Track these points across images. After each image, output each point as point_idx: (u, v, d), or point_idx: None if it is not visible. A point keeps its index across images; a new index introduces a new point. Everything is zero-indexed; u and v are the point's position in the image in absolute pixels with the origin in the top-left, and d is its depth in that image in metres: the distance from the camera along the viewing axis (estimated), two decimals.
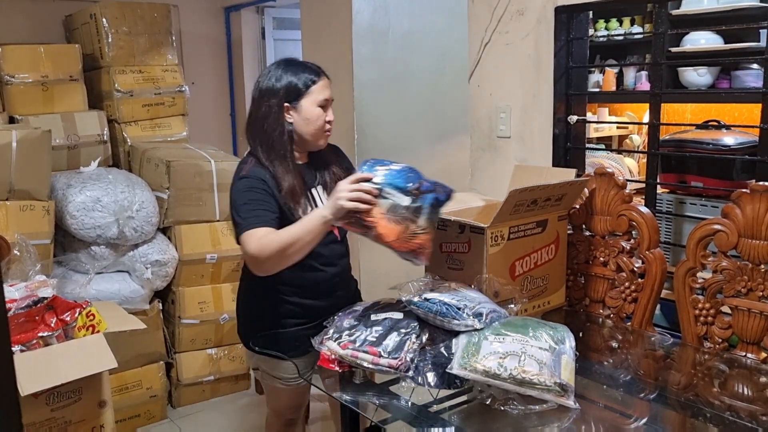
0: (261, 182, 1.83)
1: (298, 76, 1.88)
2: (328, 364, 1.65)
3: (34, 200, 2.65)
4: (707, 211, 2.62)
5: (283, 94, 1.87)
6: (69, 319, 2.13)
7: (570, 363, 1.51)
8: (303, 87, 1.87)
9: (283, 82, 1.88)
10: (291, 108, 1.88)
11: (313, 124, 1.89)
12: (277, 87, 1.88)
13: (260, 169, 1.86)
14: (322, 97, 1.89)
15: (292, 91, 1.87)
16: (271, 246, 1.71)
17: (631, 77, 3.40)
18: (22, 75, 3.11)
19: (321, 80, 1.90)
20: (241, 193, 1.83)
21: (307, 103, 1.88)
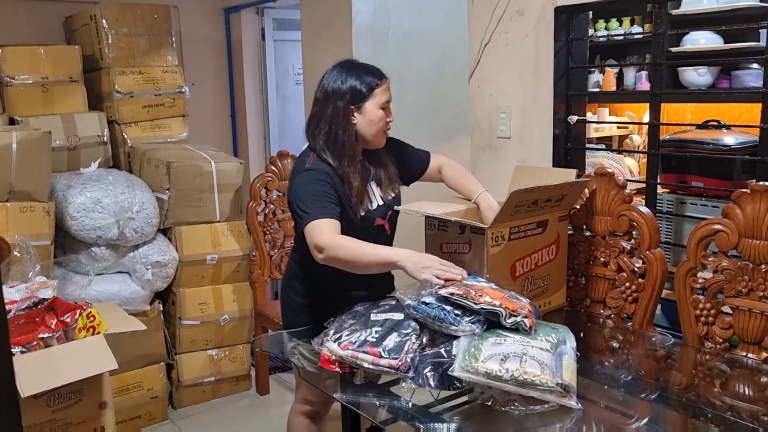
0: (326, 175, 1.91)
1: (362, 79, 1.96)
2: (329, 365, 1.65)
3: (34, 201, 2.65)
4: (708, 211, 2.62)
5: (349, 97, 1.95)
6: (69, 320, 2.13)
7: (571, 363, 1.51)
8: (367, 90, 1.95)
9: (348, 84, 1.95)
10: (356, 110, 1.96)
11: (375, 125, 1.97)
12: (343, 89, 1.95)
13: (323, 164, 1.93)
14: (384, 99, 1.97)
15: (357, 93, 1.95)
16: (344, 249, 1.80)
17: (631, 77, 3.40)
18: (23, 76, 3.11)
19: (383, 83, 1.98)
20: (307, 185, 1.90)
21: (371, 105, 1.95)
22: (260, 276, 3.31)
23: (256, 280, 3.31)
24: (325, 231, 1.80)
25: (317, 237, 1.80)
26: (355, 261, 1.79)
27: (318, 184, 1.89)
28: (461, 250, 1.95)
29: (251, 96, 4.28)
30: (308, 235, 1.83)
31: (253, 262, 3.30)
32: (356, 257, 1.79)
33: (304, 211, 1.86)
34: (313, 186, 1.88)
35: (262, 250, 3.31)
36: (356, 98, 1.94)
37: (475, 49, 2.83)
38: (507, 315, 1.56)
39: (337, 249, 1.79)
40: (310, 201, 1.86)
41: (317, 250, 1.82)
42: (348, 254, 1.79)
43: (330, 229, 1.81)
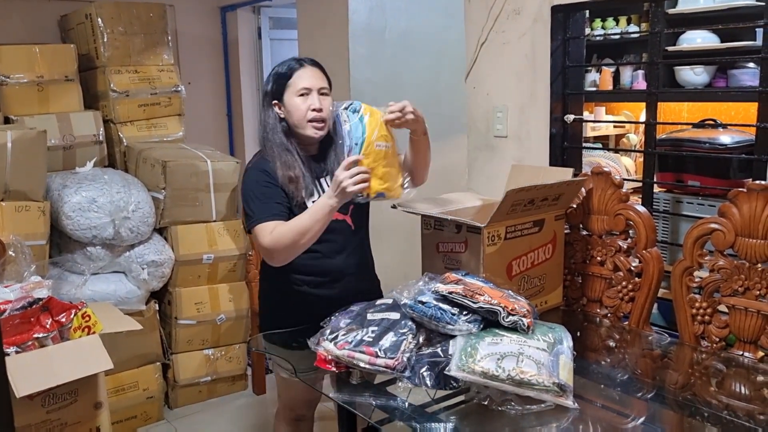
0: (265, 174, 1.91)
1: (279, 71, 1.97)
2: (325, 365, 1.64)
3: (29, 201, 2.64)
4: (704, 210, 2.62)
5: (271, 93, 1.97)
6: (64, 320, 2.12)
7: (568, 363, 1.51)
8: (284, 81, 1.95)
9: (270, 81, 1.98)
10: (279, 104, 1.96)
11: (294, 114, 1.94)
12: (267, 88, 1.99)
13: (263, 161, 1.94)
14: (300, 86, 1.93)
15: (276, 88, 1.96)
16: (284, 238, 1.80)
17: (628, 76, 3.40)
18: (18, 75, 3.10)
19: (300, 70, 1.95)
20: (249, 185, 1.92)
21: (288, 96, 1.94)
22: (256, 275, 3.30)
23: (252, 279, 3.30)
24: (265, 234, 1.82)
25: (261, 242, 1.83)
26: (298, 235, 1.79)
27: (259, 186, 1.89)
28: (458, 250, 1.94)
29: (247, 95, 4.27)
30: (255, 239, 1.86)
31: (249, 261, 3.30)
32: (297, 231, 1.79)
33: (249, 213, 1.88)
34: (255, 187, 1.90)
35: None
36: (277, 92, 1.95)
37: (471, 48, 2.82)
38: (505, 314, 1.56)
39: (279, 241, 1.80)
40: (253, 203, 1.87)
41: (266, 256, 1.85)
42: (289, 237, 1.79)
43: (270, 230, 1.82)
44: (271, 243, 1.81)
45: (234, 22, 4.19)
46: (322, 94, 1.95)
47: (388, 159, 1.83)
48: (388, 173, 1.83)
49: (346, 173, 1.74)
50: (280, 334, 1.98)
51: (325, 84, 1.97)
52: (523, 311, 1.58)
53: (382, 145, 1.81)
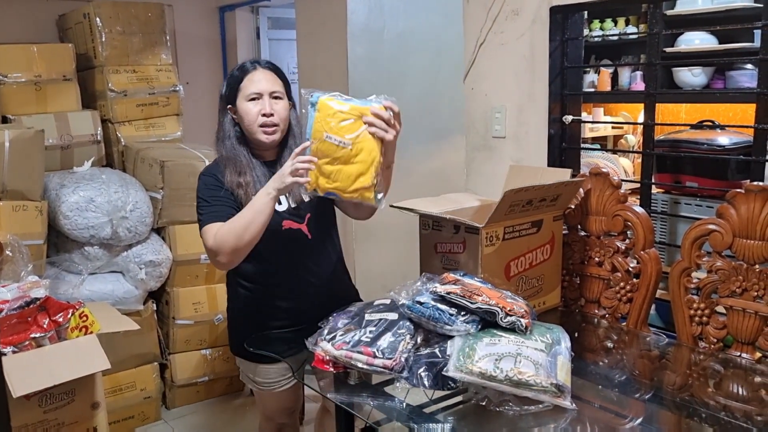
0: (214, 178, 1.87)
1: (232, 76, 1.93)
2: (323, 365, 1.64)
3: (26, 200, 2.64)
4: (702, 211, 2.62)
5: (225, 97, 1.93)
6: (62, 320, 2.12)
7: (566, 364, 1.51)
8: (236, 85, 1.90)
9: (224, 85, 1.95)
10: (233, 108, 1.92)
11: (245, 119, 1.89)
12: (222, 92, 1.95)
13: (215, 166, 1.91)
14: (249, 91, 1.88)
15: (229, 92, 1.92)
16: (227, 237, 1.74)
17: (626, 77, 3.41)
18: (15, 74, 3.09)
19: (250, 74, 1.89)
20: (200, 190, 1.88)
21: (240, 100, 1.90)
22: None
23: None
24: (210, 236, 1.77)
25: (206, 245, 1.79)
26: (241, 231, 1.72)
27: (208, 189, 1.86)
28: (456, 250, 1.94)
29: None
30: (203, 242, 1.81)
31: None
32: (238, 227, 1.72)
33: (198, 217, 1.85)
34: (204, 191, 1.86)
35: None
36: (230, 97, 1.91)
37: (470, 49, 2.83)
38: (503, 314, 1.56)
39: (222, 241, 1.74)
40: (200, 207, 1.85)
41: (212, 259, 1.80)
42: (233, 234, 1.73)
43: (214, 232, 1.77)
44: (215, 244, 1.75)
45: (232, 22, 4.19)
46: (274, 98, 1.88)
47: (346, 157, 1.68)
48: (341, 172, 1.69)
49: (288, 161, 1.69)
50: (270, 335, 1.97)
51: (278, 88, 1.89)
52: (521, 312, 1.58)
53: (336, 140, 1.67)
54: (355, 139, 1.68)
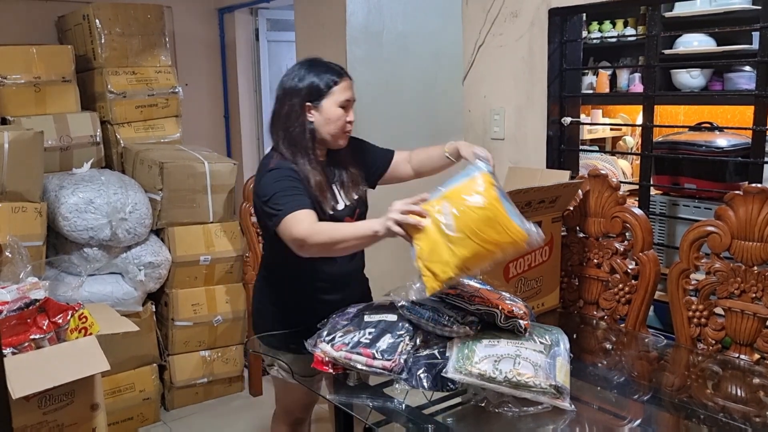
0: (292, 171, 1.87)
1: (321, 76, 1.92)
2: (322, 366, 1.64)
3: (26, 202, 2.64)
4: (700, 212, 2.62)
5: (306, 94, 1.92)
6: (61, 321, 2.12)
7: (565, 365, 1.51)
8: (325, 87, 1.91)
9: (305, 82, 1.92)
10: (312, 107, 1.92)
11: (333, 124, 1.92)
12: (300, 87, 1.92)
13: (286, 162, 1.91)
14: (343, 98, 1.92)
15: (314, 91, 1.91)
16: (322, 234, 1.72)
17: (625, 79, 3.41)
18: (15, 76, 3.09)
19: (342, 81, 1.93)
20: (273, 183, 1.85)
21: (328, 103, 1.91)
22: (253, 277, 3.30)
23: (249, 281, 3.30)
24: (302, 221, 1.74)
25: (294, 230, 1.74)
26: (336, 241, 1.70)
27: (285, 181, 1.85)
28: None
29: (245, 97, 4.27)
30: (285, 230, 1.76)
31: (246, 263, 3.29)
32: (336, 236, 1.71)
33: (275, 209, 1.80)
34: (281, 183, 1.84)
35: (255, 251, 3.30)
36: (313, 95, 1.91)
37: (469, 51, 2.83)
38: (503, 316, 1.56)
39: (317, 235, 1.72)
40: (281, 198, 1.81)
41: (297, 244, 1.75)
42: (328, 238, 1.71)
43: (306, 219, 1.75)
44: (308, 232, 1.72)
45: (231, 24, 4.19)
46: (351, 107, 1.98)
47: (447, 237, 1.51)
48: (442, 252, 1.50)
49: (400, 206, 1.58)
50: (278, 335, 1.98)
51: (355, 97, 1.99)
52: (520, 313, 1.58)
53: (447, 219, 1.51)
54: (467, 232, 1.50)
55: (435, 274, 1.50)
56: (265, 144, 4.34)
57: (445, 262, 1.49)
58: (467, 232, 1.49)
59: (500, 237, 1.49)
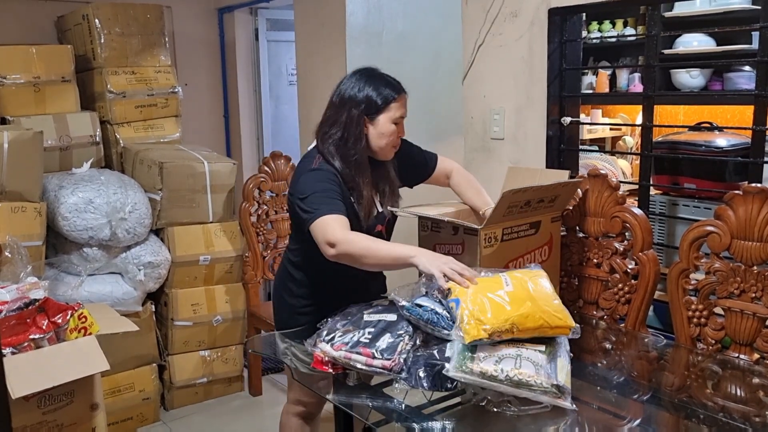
0: (333, 176, 1.91)
1: (380, 90, 1.94)
2: (322, 366, 1.64)
3: (25, 202, 2.64)
4: (700, 212, 2.62)
5: (365, 107, 1.94)
6: (61, 321, 2.12)
7: (566, 365, 1.51)
8: (382, 103, 1.94)
9: (364, 93, 1.94)
10: (369, 120, 1.94)
11: (386, 138, 1.96)
12: (359, 98, 1.94)
13: (329, 166, 1.93)
14: (399, 114, 1.96)
15: (372, 104, 1.93)
16: (356, 244, 1.76)
17: (624, 79, 3.41)
18: (14, 76, 3.09)
19: (400, 97, 1.96)
20: (314, 183, 1.88)
21: (384, 118, 1.94)
22: (253, 277, 3.30)
23: (248, 281, 3.30)
24: (336, 227, 1.77)
25: (329, 232, 1.77)
26: (368, 256, 1.75)
27: (326, 183, 1.88)
28: (454, 251, 1.95)
29: (244, 96, 4.27)
30: (318, 231, 1.80)
31: (246, 263, 3.29)
32: (369, 253, 1.75)
33: (311, 208, 1.83)
34: (321, 185, 1.87)
35: (255, 251, 3.30)
36: (371, 109, 1.93)
37: (468, 51, 2.83)
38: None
39: (350, 244, 1.75)
40: (318, 198, 1.84)
41: (329, 246, 1.77)
42: (361, 250, 1.75)
43: (341, 224, 1.78)
44: (343, 238, 1.76)
45: (231, 24, 4.19)
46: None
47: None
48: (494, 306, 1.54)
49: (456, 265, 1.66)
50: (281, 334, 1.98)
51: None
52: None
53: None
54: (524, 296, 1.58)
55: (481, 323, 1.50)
56: (265, 144, 4.34)
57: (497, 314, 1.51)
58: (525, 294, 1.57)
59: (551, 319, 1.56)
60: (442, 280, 1.63)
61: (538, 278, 1.65)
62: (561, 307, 1.60)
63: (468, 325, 1.49)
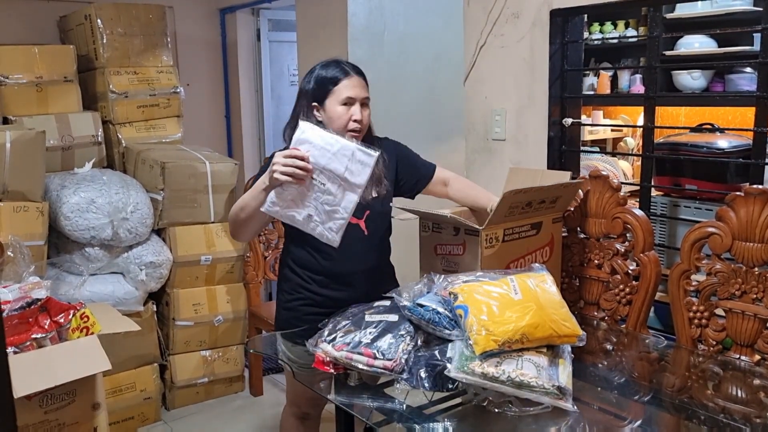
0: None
1: (325, 75, 1.95)
2: (323, 366, 1.64)
3: (27, 201, 2.64)
4: (701, 213, 2.63)
5: (312, 95, 1.95)
6: (63, 320, 2.12)
7: (567, 366, 1.51)
8: (329, 86, 1.93)
9: (312, 83, 1.96)
10: (319, 107, 1.95)
11: (335, 122, 1.93)
12: (308, 88, 1.97)
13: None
14: (345, 96, 1.93)
15: (318, 91, 1.95)
16: (232, 211, 1.90)
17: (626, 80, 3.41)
18: (17, 75, 3.10)
19: (347, 79, 1.94)
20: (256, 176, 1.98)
21: (331, 102, 1.93)
22: (254, 277, 3.31)
23: (250, 281, 3.30)
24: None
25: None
26: (239, 209, 1.85)
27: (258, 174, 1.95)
28: (456, 252, 1.95)
29: (246, 97, 4.28)
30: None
31: (247, 263, 3.30)
32: (237, 206, 1.86)
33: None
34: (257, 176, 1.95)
35: (256, 251, 3.31)
36: (318, 95, 1.94)
37: (470, 52, 2.83)
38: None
39: (231, 213, 1.89)
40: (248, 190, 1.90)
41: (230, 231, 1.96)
42: (234, 212, 1.87)
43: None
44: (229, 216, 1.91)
45: (233, 24, 4.20)
46: (363, 105, 1.96)
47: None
48: (504, 316, 1.53)
49: (281, 158, 1.69)
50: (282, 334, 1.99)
51: (366, 94, 1.98)
52: None
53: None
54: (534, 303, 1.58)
55: (492, 333, 1.49)
56: (266, 144, 4.34)
57: (507, 325, 1.51)
58: (534, 303, 1.56)
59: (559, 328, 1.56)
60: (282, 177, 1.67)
61: (545, 284, 1.65)
62: (569, 315, 1.60)
63: (478, 335, 1.49)
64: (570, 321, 1.58)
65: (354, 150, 1.70)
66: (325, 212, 1.75)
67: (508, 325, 1.49)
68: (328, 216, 1.75)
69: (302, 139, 1.72)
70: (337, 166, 1.71)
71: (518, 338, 1.49)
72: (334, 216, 1.75)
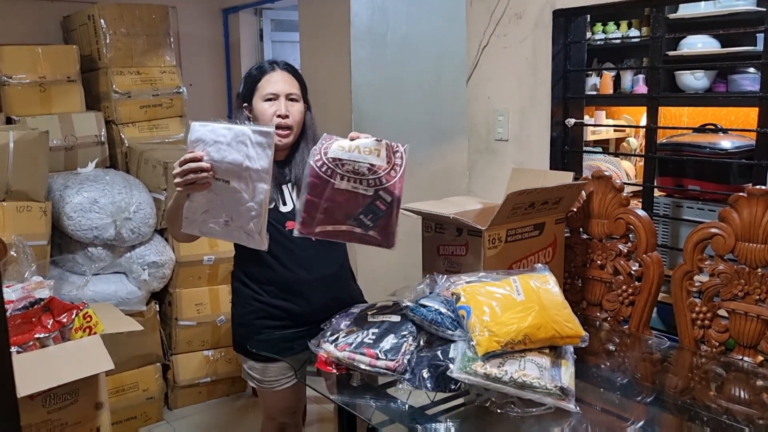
0: None
1: (250, 74, 1.94)
2: (326, 367, 1.64)
3: (31, 201, 2.65)
4: (704, 214, 2.62)
5: (242, 95, 1.95)
6: (66, 320, 2.13)
7: (570, 367, 1.51)
8: (252, 85, 1.92)
9: (241, 83, 1.96)
10: (248, 108, 1.94)
11: (260, 119, 1.89)
12: (240, 89, 1.97)
13: None
14: (267, 91, 1.89)
15: (246, 90, 1.94)
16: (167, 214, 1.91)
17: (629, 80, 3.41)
18: (20, 76, 3.10)
19: (268, 74, 1.91)
20: None
21: (256, 99, 1.92)
22: None
23: None
24: None
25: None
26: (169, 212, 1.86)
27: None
28: (458, 252, 1.95)
29: None
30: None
31: None
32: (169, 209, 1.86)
33: None
34: None
35: None
36: (246, 95, 1.93)
37: (473, 52, 2.83)
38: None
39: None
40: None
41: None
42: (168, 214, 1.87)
43: None
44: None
45: (236, 24, 4.20)
46: (290, 100, 1.90)
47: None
48: (507, 316, 1.53)
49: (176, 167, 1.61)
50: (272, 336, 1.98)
51: (294, 90, 1.91)
52: None
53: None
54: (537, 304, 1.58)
55: (494, 334, 1.49)
56: None
57: (510, 326, 1.50)
58: (537, 304, 1.56)
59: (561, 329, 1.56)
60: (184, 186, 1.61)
61: (547, 284, 1.65)
62: (571, 316, 1.60)
63: (480, 336, 1.49)
64: (572, 322, 1.58)
65: (249, 134, 1.57)
66: (240, 213, 1.62)
67: (511, 326, 1.49)
68: (244, 216, 1.61)
69: (194, 140, 1.61)
70: (236, 157, 1.58)
71: (521, 339, 1.49)
72: (250, 214, 1.61)
